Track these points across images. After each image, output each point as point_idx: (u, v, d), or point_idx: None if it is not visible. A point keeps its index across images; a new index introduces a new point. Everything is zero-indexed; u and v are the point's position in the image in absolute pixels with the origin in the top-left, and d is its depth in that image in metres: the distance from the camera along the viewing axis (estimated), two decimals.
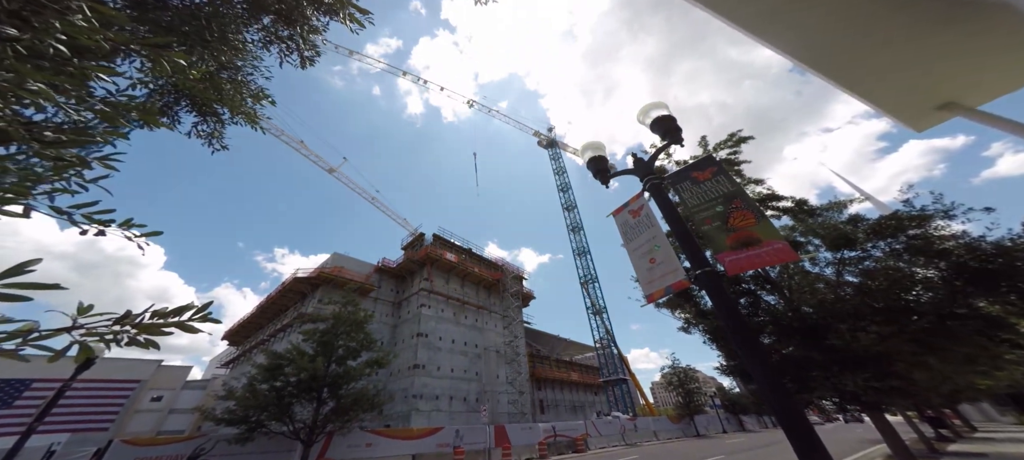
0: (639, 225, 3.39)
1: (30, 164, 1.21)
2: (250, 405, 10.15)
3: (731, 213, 2.75)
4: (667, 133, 3.11)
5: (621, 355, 35.77)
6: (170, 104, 2.96)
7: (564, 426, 19.88)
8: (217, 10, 2.48)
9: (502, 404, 27.33)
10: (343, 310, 12.73)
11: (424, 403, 22.62)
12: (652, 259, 3.08)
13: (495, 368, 29.05)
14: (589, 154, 3.64)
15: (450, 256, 29.76)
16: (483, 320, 30.96)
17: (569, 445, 18.57)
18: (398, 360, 25.25)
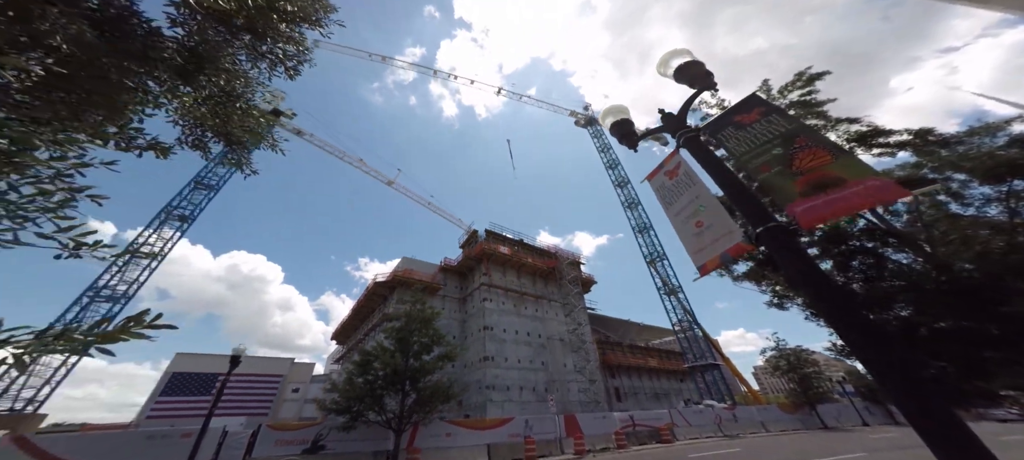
0: (677, 186, 2.95)
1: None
2: (350, 397, 11.82)
3: (794, 154, 2.18)
4: (694, 80, 2.63)
5: (708, 338, 32.26)
6: (200, 137, 3.42)
7: (645, 415, 18.88)
8: (204, 38, 2.79)
9: (572, 393, 27.09)
10: (413, 309, 13.95)
11: (496, 394, 23.68)
12: (698, 222, 2.64)
13: (561, 357, 28.92)
14: (610, 119, 3.31)
15: (504, 249, 30.48)
16: (544, 310, 31.05)
17: (652, 435, 17.51)
18: (469, 353, 26.91)
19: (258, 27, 2.84)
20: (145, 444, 9.82)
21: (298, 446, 11.60)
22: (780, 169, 2.19)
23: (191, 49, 2.70)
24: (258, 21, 2.77)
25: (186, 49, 2.69)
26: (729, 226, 2.40)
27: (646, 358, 40.28)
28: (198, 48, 2.71)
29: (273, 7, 2.77)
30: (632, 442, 16.69)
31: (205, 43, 2.74)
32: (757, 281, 7.90)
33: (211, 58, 2.75)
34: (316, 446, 11.77)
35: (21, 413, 19.28)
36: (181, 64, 2.60)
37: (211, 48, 2.78)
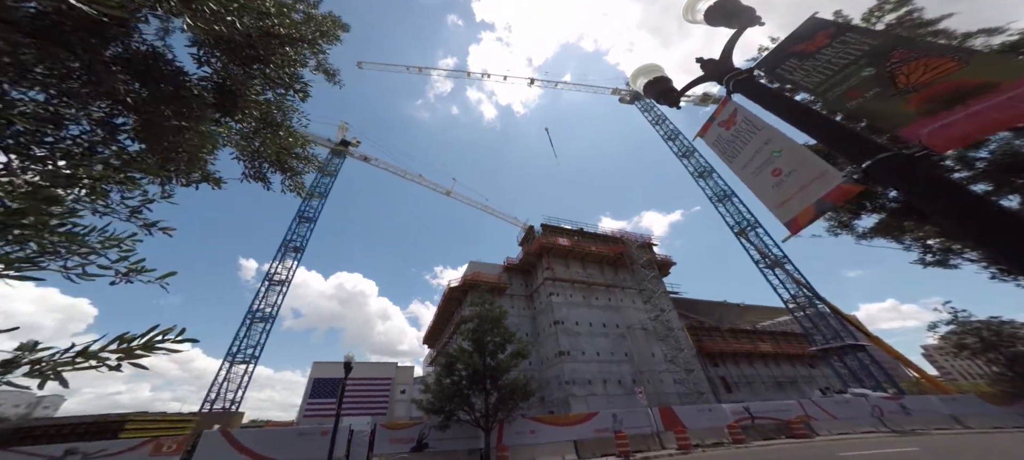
0: (738, 136, 2.51)
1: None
2: (440, 397, 12.93)
3: (896, 70, 1.66)
4: (732, 18, 2.24)
5: (838, 313, 26.40)
6: (259, 169, 3.88)
7: (765, 406, 16.48)
8: (229, 73, 3.10)
9: (666, 385, 25.15)
10: (483, 309, 14.62)
11: (578, 389, 23.31)
12: (776, 171, 2.20)
13: (646, 347, 27.08)
14: (642, 80, 2.99)
15: (563, 241, 29.84)
16: (617, 298, 29.50)
17: (779, 429, 15.17)
18: (544, 349, 27.09)
19: (260, 53, 3.12)
20: (298, 439, 12.26)
21: (407, 444, 13.11)
22: (878, 92, 1.70)
23: (220, 85, 3.14)
24: (260, 47, 3.05)
25: (217, 86, 3.14)
26: (818, 168, 1.94)
27: (756, 343, 34.85)
28: (226, 84, 3.14)
29: (269, 32, 3.01)
30: (752, 436, 14.65)
31: (230, 78, 3.13)
32: (895, 236, 6.10)
33: (240, 92, 3.18)
34: (421, 444, 13.11)
35: (229, 411, 25.88)
36: (216, 102, 3.05)
37: (237, 82, 3.15)
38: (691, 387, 24.13)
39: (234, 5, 2.44)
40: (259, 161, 3.85)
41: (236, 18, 2.47)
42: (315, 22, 3.84)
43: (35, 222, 1.69)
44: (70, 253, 1.92)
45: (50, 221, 1.76)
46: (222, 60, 3.07)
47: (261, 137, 3.64)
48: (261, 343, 29.81)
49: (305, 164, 4.20)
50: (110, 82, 2.41)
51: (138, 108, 2.56)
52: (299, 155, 4.10)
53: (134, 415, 18.56)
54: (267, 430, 13.45)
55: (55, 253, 1.84)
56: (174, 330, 1.72)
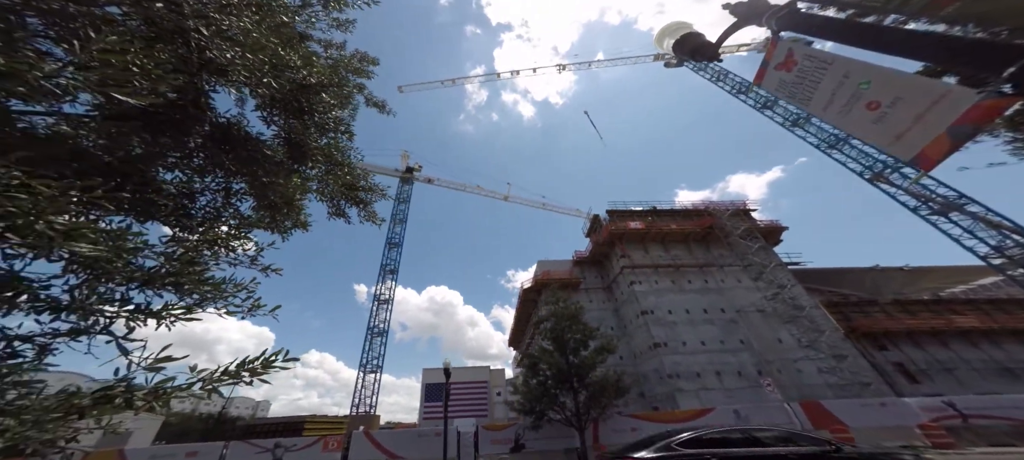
0: (804, 76, 2.07)
1: None
2: (529, 398, 13.19)
3: None
4: None
5: None
6: (338, 207, 4.56)
7: (985, 402, 12.36)
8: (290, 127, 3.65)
9: (807, 375, 20.88)
10: (557, 307, 14.46)
11: (685, 382, 21.04)
12: (871, 104, 1.84)
13: (767, 331, 23.00)
14: (668, 41, 3.39)
15: (635, 224, 27.56)
16: (715, 279, 25.82)
17: (1017, 433, 10.89)
18: (635, 342, 25.26)
19: (304, 104, 3.63)
20: (418, 440, 13.93)
21: (506, 444, 13.73)
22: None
23: (287, 139, 3.76)
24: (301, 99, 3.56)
25: (286, 141, 3.77)
26: (934, 91, 1.54)
27: (947, 316, 24.33)
28: (292, 137, 3.76)
29: (303, 84, 3.47)
30: (966, 440, 10.68)
31: (292, 131, 3.74)
32: None
33: (302, 142, 3.78)
34: (518, 444, 13.56)
35: (369, 414, 31.36)
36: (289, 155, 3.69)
37: (298, 133, 3.76)
38: (847, 377, 19.21)
39: (265, 67, 2.97)
40: (335, 199, 4.61)
41: (271, 79, 3.02)
42: (344, 64, 4.42)
43: (186, 279, 2.36)
44: (217, 298, 2.62)
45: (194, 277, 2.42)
46: (282, 116, 3.77)
47: (329, 178, 4.33)
48: (381, 354, 35.25)
49: (371, 195, 4.86)
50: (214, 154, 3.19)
51: (240, 172, 3.36)
52: (364, 187, 4.76)
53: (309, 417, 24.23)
54: (396, 431, 15.79)
55: (205, 300, 2.54)
56: (282, 353, 2.21)
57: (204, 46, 2.59)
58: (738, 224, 25.99)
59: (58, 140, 2.48)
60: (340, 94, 4.11)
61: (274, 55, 2.96)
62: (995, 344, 23.27)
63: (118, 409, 1.87)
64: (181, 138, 3.00)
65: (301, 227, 3.99)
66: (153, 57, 2.13)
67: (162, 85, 2.16)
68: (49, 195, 1.74)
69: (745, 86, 34.72)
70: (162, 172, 3.17)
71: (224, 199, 3.46)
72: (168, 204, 3.04)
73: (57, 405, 1.75)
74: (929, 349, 23.23)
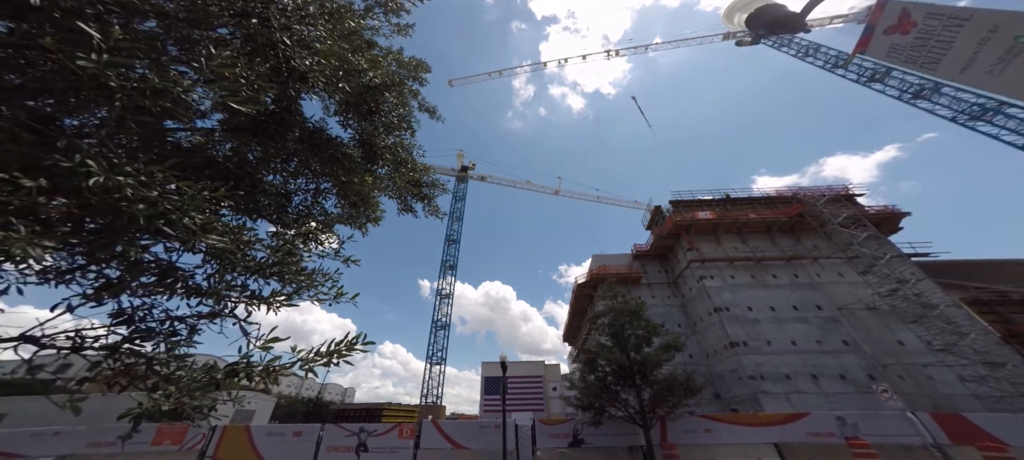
0: (927, 37, 1.82)
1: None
2: (587, 393, 12.82)
3: None
4: None
5: None
6: (406, 202, 4.87)
7: None
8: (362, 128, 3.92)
9: (941, 383, 17.48)
10: (614, 302, 13.72)
11: (771, 384, 18.62)
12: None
13: (883, 332, 19.43)
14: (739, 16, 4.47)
15: (704, 214, 24.70)
16: (809, 272, 22.19)
17: None
18: (707, 341, 22.93)
19: (371, 105, 3.89)
20: (479, 431, 14.42)
21: (563, 439, 13.55)
22: None
23: (361, 140, 4.09)
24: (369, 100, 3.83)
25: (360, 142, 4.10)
26: None
27: None
28: (364, 138, 4.09)
29: (370, 85, 3.72)
30: None
31: (364, 132, 4.09)
32: None
33: (373, 142, 4.08)
34: (576, 439, 13.29)
35: (436, 404, 34.08)
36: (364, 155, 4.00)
37: (369, 134, 4.10)
38: (1005, 388, 15.53)
39: (339, 73, 3.23)
40: (403, 195, 4.97)
41: (345, 84, 3.27)
42: (405, 66, 4.68)
43: (287, 269, 2.70)
44: (310, 286, 2.96)
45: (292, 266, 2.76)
46: (355, 119, 4.12)
47: (397, 176, 4.66)
48: (445, 347, 37.49)
49: (434, 189, 5.16)
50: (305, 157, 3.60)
51: (325, 172, 3.76)
52: (427, 183, 5.07)
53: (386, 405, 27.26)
54: (460, 422, 16.68)
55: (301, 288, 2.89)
56: (361, 336, 2.39)
57: (289, 56, 2.91)
58: (838, 211, 21.76)
59: (196, 151, 3.03)
60: (400, 94, 4.38)
61: (345, 60, 3.22)
62: None
63: (240, 384, 2.20)
64: (281, 143, 3.46)
65: (374, 222, 4.34)
66: (254, 69, 2.45)
67: (263, 93, 2.48)
68: (192, 195, 2.11)
69: (841, 59, 28.47)
70: (265, 175, 3.71)
71: (313, 198, 3.93)
72: (270, 203, 3.54)
73: (203, 376, 2.12)
74: None
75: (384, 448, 12.65)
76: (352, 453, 12.15)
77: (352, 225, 4.24)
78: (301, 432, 12.52)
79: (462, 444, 13.60)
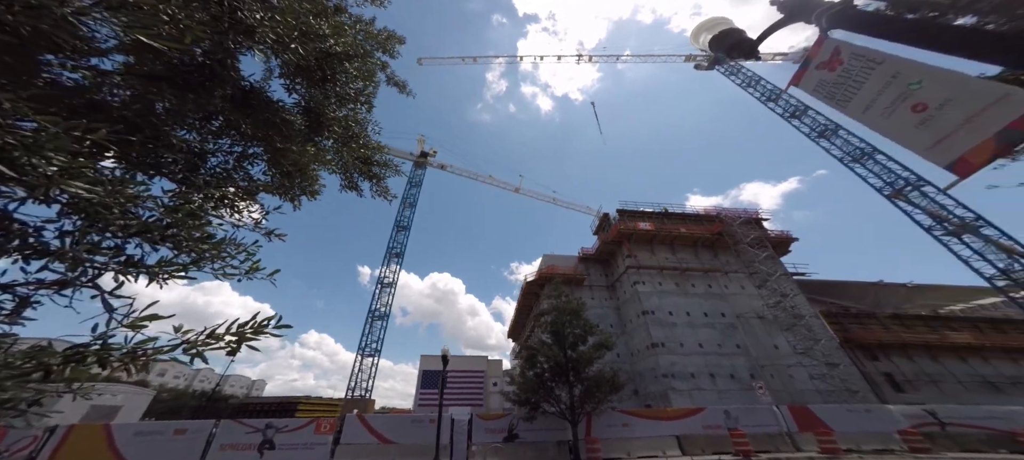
0: (848, 76, 1.96)
1: None
2: (525, 389, 13.25)
3: None
4: None
5: None
6: (351, 179, 4.48)
7: (961, 412, 13.20)
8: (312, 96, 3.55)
9: (798, 380, 21.32)
10: (559, 301, 14.41)
11: (679, 382, 21.18)
12: (917, 106, 1.72)
13: (766, 337, 23.14)
14: (705, 36, 3.15)
15: (644, 225, 27.24)
16: (720, 284, 25.65)
17: (996, 441, 11.75)
18: (633, 341, 25.24)
19: (327, 73, 3.54)
20: (412, 426, 13.90)
21: (499, 434, 13.79)
22: None
23: (307, 108, 3.67)
24: (326, 68, 3.48)
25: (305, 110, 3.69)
26: (991, 92, 1.53)
27: (942, 332, 25.85)
28: (311, 106, 3.67)
29: (329, 53, 3.39)
30: (942, 446, 11.66)
31: (312, 100, 3.67)
32: None
33: (321, 111, 3.69)
34: (511, 434, 13.65)
35: (364, 398, 31.52)
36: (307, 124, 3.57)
37: (318, 103, 3.67)
38: (837, 384, 19.82)
39: (294, 33, 2.86)
40: (349, 172, 4.53)
41: (298, 44, 2.90)
42: (373, 38, 4.30)
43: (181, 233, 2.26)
44: (214, 258, 2.52)
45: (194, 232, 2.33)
46: (304, 85, 3.67)
47: (345, 150, 4.24)
48: (381, 338, 35.29)
49: (386, 170, 4.78)
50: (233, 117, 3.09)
51: (256, 136, 3.27)
52: (379, 162, 4.69)
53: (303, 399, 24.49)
54: (390, 416, 15.84)
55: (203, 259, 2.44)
56: (276, 318, 2.01)
57: (236, 6, 2.46)
58: (748, 232, 25.63)
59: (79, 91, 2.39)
60: (364, 67, 4.01)
61: (303, 21, 2.84)
62: (984, 360, 24.70)
63: (89, 372, 1.63)
64: (205, 99, 2.90)
65: (310, 195, 3.90)
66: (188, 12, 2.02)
67: (189, 36, 2.05)
68: (53, 133, 1.66)
69: (775, 93, 33.67)
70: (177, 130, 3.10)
71: (236, 162, 3.38)
72: (177, 161, 2.97)
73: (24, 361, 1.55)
74: (919, 361, 24.52)
75: (297, 445, 11.67)
76: (254, 451, 10.89)
77: (283, 196, 3.74)
78: (185, 430, 10.84)
79: (390, 439, 13.10)
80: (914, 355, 24.55)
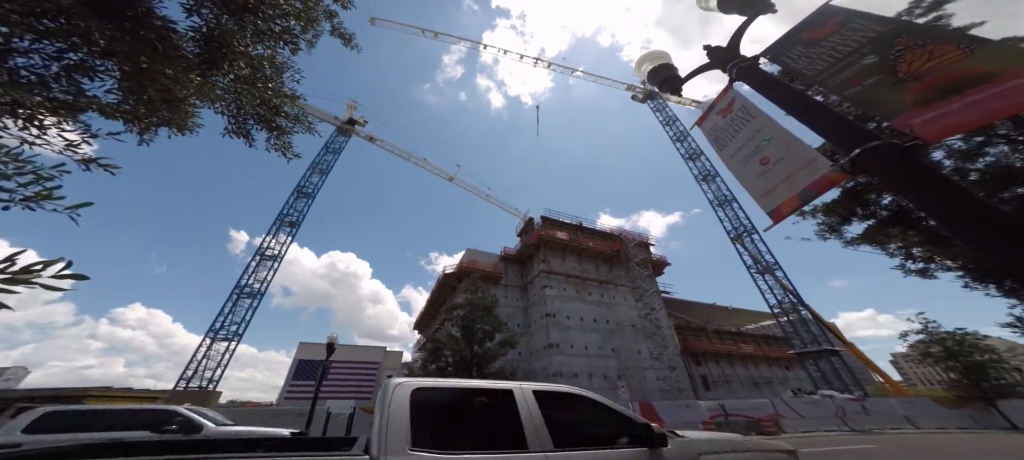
0: (732, 124, 2.45)
1: None
2: None
3: (899, 58, 1.59)
4: (745, 5, 2.15)
5: (819, 320, 27.22)
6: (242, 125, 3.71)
7: (739, 405, 17.34)
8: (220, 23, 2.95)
9: (649, 381, 25.79)
10: (474, 297, 14.66)
11: (564, 381, 23.64)
12: (764, 159, 2.15)
13: (633, 343, 27.56)
14: (647, 66, 2.95)
15: (561, 234, 29.89)
16: (610, 295, 29.77)
17: (750, 426, 15.96)
18: (534, 341, 27.31)
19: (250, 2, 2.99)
20: (272, 420, 12.17)
21: None
22: (879, 79, 1.63)
23: (209, 36, 2.99)
24: None
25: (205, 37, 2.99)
26: (807, 157, 1.89)
27: (738, 344, 35.85)
28: (215, 34, 2.99)
29: None
30: (725, 432, 15.44)
31: (220, 28, 3.00)
32: (881, 243, 6.13)
33: (227, 43, 3.01)
34: None
35: (205, 390, 25.32)
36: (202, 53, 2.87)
37: (226, 34, 3.02)
38: (673, 384, 24.85)
39: None
40: (243, 116, 3.68)
41: None
42: None
43: None
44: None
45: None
46: (214, 10, 2.89)
47: (244, 90, 3.44)
48: (247, 320, 29.36)
49: (294, 124, 4.03)
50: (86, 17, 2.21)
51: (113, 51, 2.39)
52: (288, 114, 3.94)
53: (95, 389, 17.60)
54: (240, 410, 13.35)
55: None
56: (63, 263, 1.42)
57: None
58: (638, 253, 30.65)
59: None
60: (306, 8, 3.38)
61: None
62: (755, 366, 35.65)
63: None
64: None
65: (178, 129, 3.03)
66: None
67: None
68: None
69: (683, 135, 41.35)
70: None
71: (66, 72, 2.41)
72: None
73: None
74: (722, 366, 34.01)
75: None
76: None
77: (129, 122, 2.82)
78: None
79: None
80: (721, 361, 33.96)
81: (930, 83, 1.43)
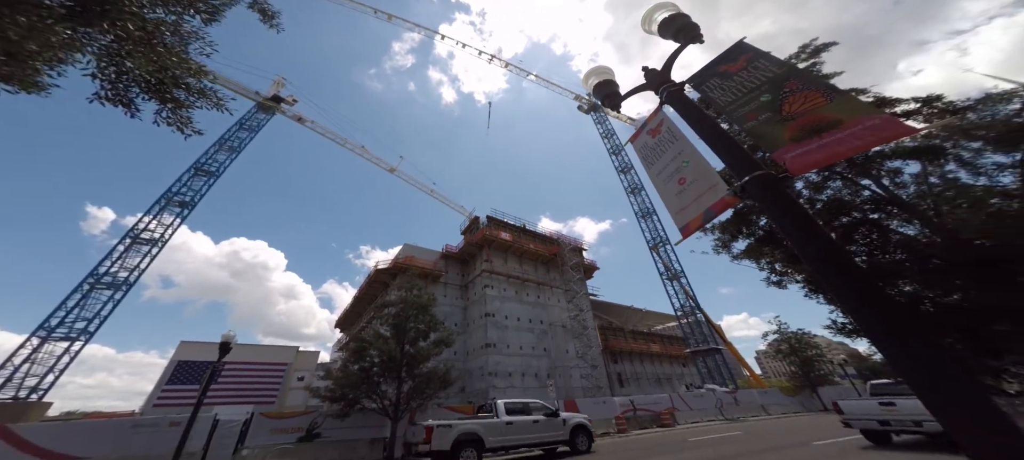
0: (660, 145, 2.68)
1: None
2: (344, 384, 11.83)
3: (784, 99, 1.91)
4: (679, 33, 2.38)
5: (710, 322, 32.32)
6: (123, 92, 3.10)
7: (646, 400, 19.20)
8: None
9: (574, 379, 27.35)
10: (409, 295, 13.83)
11: (499, 380, 23.91)
12: (681, 179, 2.39)
13: (563, 343, 29.09)
14: (593, 80, 3.12)
15: (505, 235, 30.29)
16: (546, 296, 31.06)
17: (653, 419, 17.79)
18: (471, 340, 27.07)
19: None
20: (132, 433, 9.78)
21: (293, 434, 11.66)
22: (769, 116, 1.92)
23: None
24: None
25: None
26: (713, 180, 2.14)
27: (648, 344, 40.61)
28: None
29: None
30: (633, 426, 16.90)
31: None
32: (756, 258, 7.57)
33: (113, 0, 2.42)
34: (311, 434, 11.85)
35: (25, 402, 19.35)
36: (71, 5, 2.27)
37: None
38: (594, 381, 26.81)
39: None
40: (125, 83, 2.95)
41: None
42: None
43: None
44: None
45: None
46: None
47: (132, 55, 2.76)
48: (102, 315, 23.26)
49: (196, 97, 3.38)
50: None
51: None
52: (192, 87, 3.27)
53: None
54: (81, 423, 10.37)
55: None
56: None
57: None
58: (573, 257, 32.65)
59: None
60: None
61: None
62: (660, 363, 40.78)
63: None
64: None
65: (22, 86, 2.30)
66: None
67: None
68: None
69: (619, 149, 45.19)
70: None
71: None
72: None
73: None
74: (635, 364, 38.28)
75: None
76: None
77: None
78: None
79: (73, 454, 9.07)
80: (634, 360, 38.16)
81: (802, 123, 1.75)
